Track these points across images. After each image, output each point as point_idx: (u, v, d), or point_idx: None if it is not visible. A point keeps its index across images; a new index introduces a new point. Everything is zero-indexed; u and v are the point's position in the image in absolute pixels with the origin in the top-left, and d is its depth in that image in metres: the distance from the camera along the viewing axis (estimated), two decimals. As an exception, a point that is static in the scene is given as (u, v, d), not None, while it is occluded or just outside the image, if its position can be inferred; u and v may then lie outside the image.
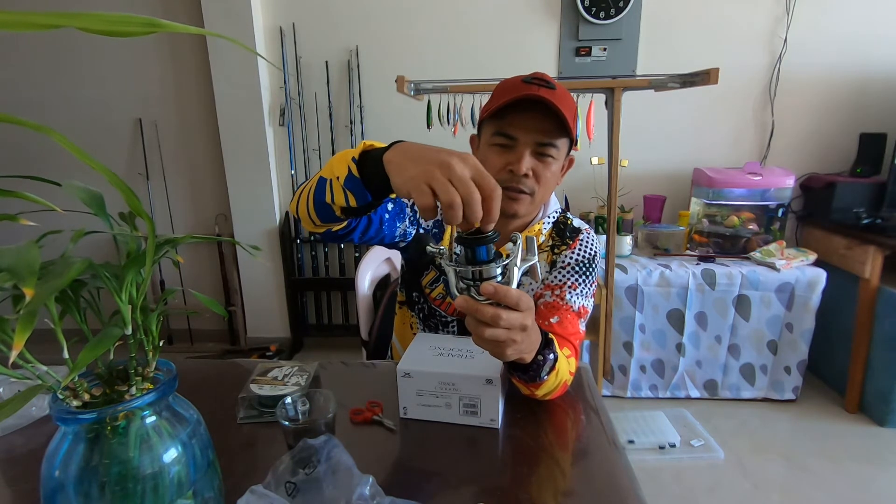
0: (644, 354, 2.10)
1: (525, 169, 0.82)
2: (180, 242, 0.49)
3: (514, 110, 0.81)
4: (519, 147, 0.83)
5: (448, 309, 0.99)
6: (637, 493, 0.61)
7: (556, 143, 0.84)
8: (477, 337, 0.59)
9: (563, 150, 0.87)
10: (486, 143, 0.87)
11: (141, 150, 2.55)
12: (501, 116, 0.83)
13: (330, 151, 2.48)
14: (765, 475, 1.67)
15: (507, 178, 0.84)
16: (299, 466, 0.58)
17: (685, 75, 1.62)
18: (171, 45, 2.45)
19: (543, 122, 0.81)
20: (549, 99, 0.78)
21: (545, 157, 0.84)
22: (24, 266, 0.33)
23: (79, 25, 0.26)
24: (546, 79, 0.82)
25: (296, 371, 0.85)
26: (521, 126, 0.82)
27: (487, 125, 0.87)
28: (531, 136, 0.82)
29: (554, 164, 0.86)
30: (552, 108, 0.79)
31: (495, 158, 0.85)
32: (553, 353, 0.71)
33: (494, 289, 0.54)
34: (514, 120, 0.82)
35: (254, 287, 2.63)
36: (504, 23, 2.31)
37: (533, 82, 0.81)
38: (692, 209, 2.23)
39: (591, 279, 0.94)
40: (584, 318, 0.92)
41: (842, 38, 2.20)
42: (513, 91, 0.80)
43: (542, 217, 0.96)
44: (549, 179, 0.86)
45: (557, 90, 0.81)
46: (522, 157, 0.82)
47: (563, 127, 0.82)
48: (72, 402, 0.43)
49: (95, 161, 0.32)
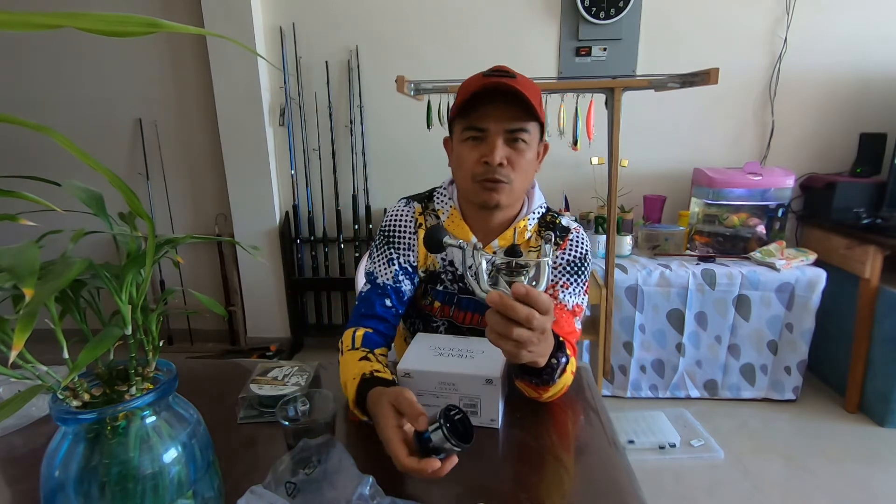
0: (644, 354, 2.10)
1: (499, 158, 0.82)
2: (180, 242, 0.49)
3: (480, 103, 0.82)
4: (490, 137, 0.83)
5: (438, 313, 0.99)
6: (637, 493, 0.61)
7: (526, 128, 0.84)
8: (500, 336, 0.58)
9: (535, 134, 0.87)
10: (459, 141, 0.88)
11: (141, 150, 2.55)
12: (469, 112, 0.84)
13: (330, 151, 2.49)
14: (765, 475, 1.67)
15: (483, 171, 0.84)
16: (299, 466, 0.58)
17: (685, 75, 1.62)
18: (171, 46, 2.45)
19: (510, 109, 0.82)
20: (512, 85, 0.79)
21: (517, 142, 0.84)
22: (24, 266, 0.33)
23: (79, 26, 0.26)
24: (506, 69, 0.84)
25: (296, 371, 0.85)
26: (489, 116, 0.83)
27: (457, 123, 0.88)
28: (500, 124, 0.83)
29: (528, 150, 0.85)
30: (516, 94, 0.79)
31: (469, 153, 0.86)
32: (566, 357, 0.72)
33: (527, 290, 0.55)
34: (481, 112, 0.83)
35: (254, 287, 2.63)
36: (504, 23, 2.31)
37: (493, 74, 0.83)
38: (692, 209, 2.23)
39: (584, 278, 0.94)
40: (578, 316, 0.92)
41: (842, 38, 2.20)
42: (475, 85, 0.81)
43: (528, 213, 0.95)
44: (525, 167, 0.86)
45: (518, 78, 0.83)
46: (495, 147, 0.82)
47: (530, 111, 0.82)
48: (72, 402, 0.43)
49: (95, 161, 0.32)
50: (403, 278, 0.95)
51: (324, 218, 2.59)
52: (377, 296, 0.93)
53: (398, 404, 0.61)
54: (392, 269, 0.95)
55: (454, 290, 0.97)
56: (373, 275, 0.95)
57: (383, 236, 0.97)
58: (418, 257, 0.97)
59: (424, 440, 0.55)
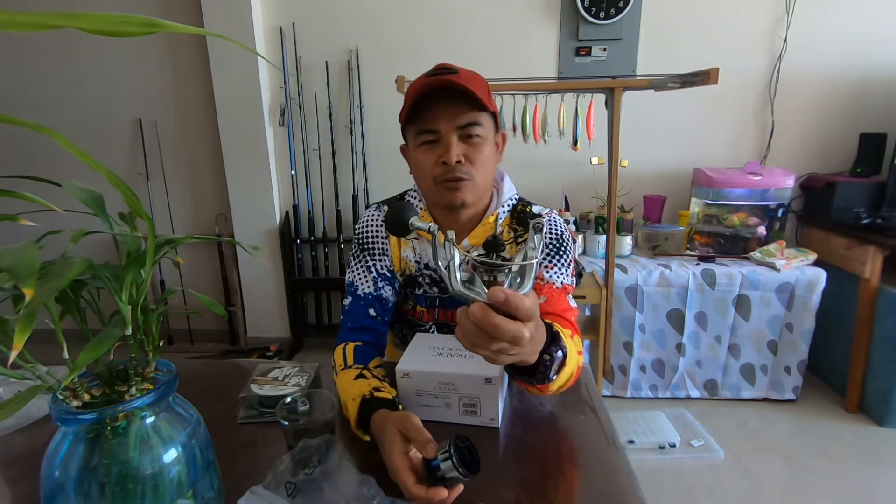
0: (644, 354, 2.10)
1: (456, 156, 0.81)
2: (180, 243, 0.49)
3: (428, 104, 0.81)
4: (443, 137, 0.82)
5: (423, 317, 0.98)
6: (637, 493, 0.61)
7: (477, 121, 0.82)
8: (479, 348, 0.50)
9: (489, 127, 0.85)
10: (414, 147, 0.86)
11: (141, 151, 2.55)
12: (418, 116, 0.83)
13: (330, 152, 2.48)
14: (765, 475, 1.67)
15: (442, 172, 0.83)
16: (299, 467, 0.58)
17: (685, 75, 1.62)
18: (171, 46, 2.45)
19: (457, 105, 0.81)
20: (455, 81, 0.78)
21: (472, 138, 0.83)
22: (24, 266, 0.33)
23: (79, 26, 0.26)
24: (448, 66, 0.82)
25: (296, 371, 0.85)
26: (439, 116, 0.81)
27: (409, 129, 0.86)
28: (451, 122, 0.81)
29: (484, 143, 0.84)
30: (461, 90, 0.78)
31: (425, 157, 0.84)
32: (561, 350, 0.64)
33: (506, 297, 0.46)
34: (429, 114, 0.82)
35: (254, 287, 2.63)
36: (504, 23, 2.31)
37: (435, 73, 0.81)
38: (692, 209, 2.23)
39: (566, 258, 0.91)
40: (570, 293, 0.90)
41: (842, 38, 2.20)
42: (419, 88, 0.80)
43: (497, 207, 0.93)
44: (484, 161, 0.84)
45: (461, 72, 0.81)
46: (450, 146, 0.81)
47: (478, 104, 0.81)
48: (72, 402, 0.43)
49: (96, 161, 0.32)
50: (383, 284, 0.94)
51: (324, 218, 2.59)
52: (361, 307, 0.92)
53: (405, 430, 0.59)
54: (371, 276, 0.94)
55: (434, 293, 0.95)
56: (353, 285, 0.94)
57: (358, 244, 0.96)
58: (393, 262, 0.96)
59: (433, 468, 0.55)
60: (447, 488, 0.55)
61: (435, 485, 0.55)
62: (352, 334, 0.91)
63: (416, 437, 0.58)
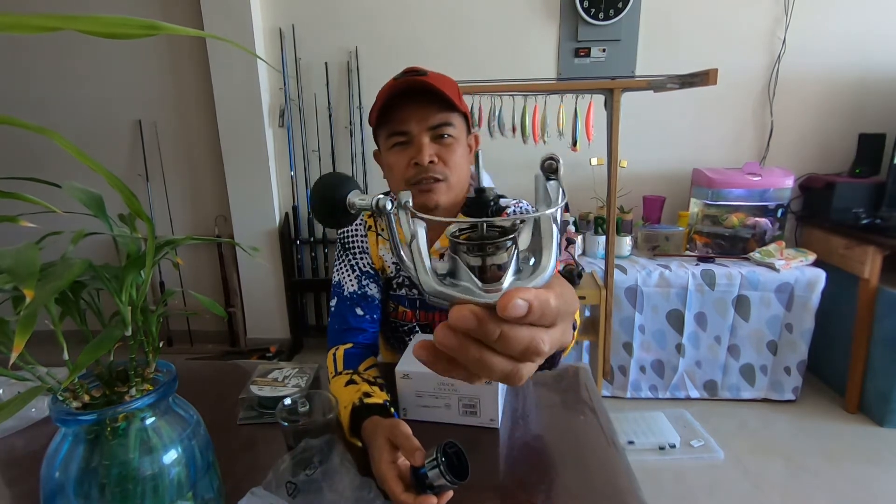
0: (644, 355, 2.10)
1: (428, 156, 0.81)
2: (180, 244, 0.49)
3: (398, 106, 0.81)
4: (415, 138, 0.82)
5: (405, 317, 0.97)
6: (637, 493, 0.61)
7: (449, 121, 0.82)
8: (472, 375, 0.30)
9: (461, 127, 0.85)
10: (386, 149, 0.86)
11: (140, 152, 2.55)
12: (388, 118, 0.83)
13: (330, 153, 2.49)
14: (765, 475, 1.67)
15: (415, 173, 0.82)
16: (300, 467, 0.58)
17: (684, 76, 1.62)
18: (171, 47, 2.45)
19: (428, 106, 0.81)
20: (425, 81, 0.78)
21: (444, 138, 0.83)
22: (25, 268, 0.33)
23: (79, 28, 0.26)
24: (416, 69, 0.83)
25: (296, 372, 0.85)
26: (410, 118, 0.81)
27: (380, 132, 0.86)
28: (422, 123, 0.81)
29: (456, 144, 0.84)
30: (431, 90, 0.78)
31: (397, 158, 0.84)
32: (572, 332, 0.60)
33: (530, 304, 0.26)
34: (400, 115, 0.82)
35: (253, 288, 2.63)
36: (503, 24, 2.31)
37: (405, 75, 0.82)
38: (691, 209, 2.24)
39: None
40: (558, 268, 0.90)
41: (841, 39, 2.20)
42: (389, 90, 0.80)
43: None
44: (457, 161, 0.84)
45: (430, 74, 0.81)
46: (422, 147, 0.81)
47: (448, 104, 0.81)
48: (72, 403, 0.43)
49: (95, 162, 0.32)
50: (368, 282, 0.94)
51: (323, 219, 2.59)
52: (347, 307, 0.92)
53: (394, 438, 0.60)
54: (354, 274, 0.94)
55: (414, 294, 0.94)
56: (339, 286, 0.94)
57: (340, 245, 0.96)
58: (373, 260, 0.95)
59: (421, 476, 0.55)
60: (436, 496, 0.55)
61: (424, 493, 0.55)
62: (341, 336, 0.91)
63: (404, 445, 0.58)
